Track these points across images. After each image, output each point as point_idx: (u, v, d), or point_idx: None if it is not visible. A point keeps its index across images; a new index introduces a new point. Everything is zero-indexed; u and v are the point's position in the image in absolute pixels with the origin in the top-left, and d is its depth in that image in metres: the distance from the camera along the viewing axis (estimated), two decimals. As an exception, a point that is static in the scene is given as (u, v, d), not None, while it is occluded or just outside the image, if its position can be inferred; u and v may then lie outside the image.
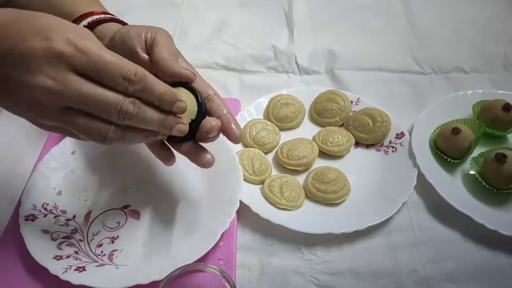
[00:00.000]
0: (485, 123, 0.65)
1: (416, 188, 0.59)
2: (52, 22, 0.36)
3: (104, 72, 0.36)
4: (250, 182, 0.59)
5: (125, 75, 0.37)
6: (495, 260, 0.54)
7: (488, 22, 0.89)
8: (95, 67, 0.36)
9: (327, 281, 0.51)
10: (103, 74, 0.36)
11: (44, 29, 0.36)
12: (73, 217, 0.54)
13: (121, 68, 0.37)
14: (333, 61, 0.79)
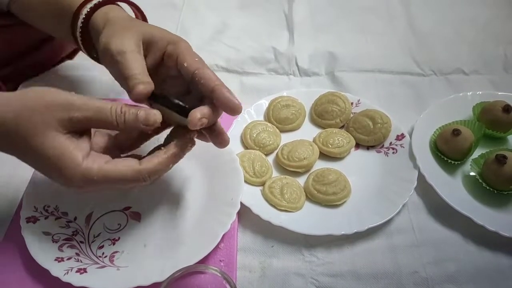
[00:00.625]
0: (485, 124, 0.65)
1: (416, 189, 0.59)
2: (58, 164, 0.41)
3: (117, 186, 0.43)
4: (250, 183, 0.59)
5: (135, 181, 0.43)
6: (496, 261, 0.54)
7: (488, 23, 0.89)
8: (109, 186, 0.43)
9: (328, 282, 0.52)
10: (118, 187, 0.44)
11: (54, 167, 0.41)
12: (74, 219, 0.54)
13: (128, 178, 0.42)
14: (333, 63, 0.80)
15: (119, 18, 0.50)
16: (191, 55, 0.48)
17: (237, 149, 0.63)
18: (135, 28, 0.48)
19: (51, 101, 0.41)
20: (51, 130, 0.40)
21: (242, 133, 0.65)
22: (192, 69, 0.46)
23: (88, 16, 0.51)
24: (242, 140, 0.65)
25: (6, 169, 0.60)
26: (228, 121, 0.66)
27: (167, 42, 0.48)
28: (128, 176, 0.42)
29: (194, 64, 0.46)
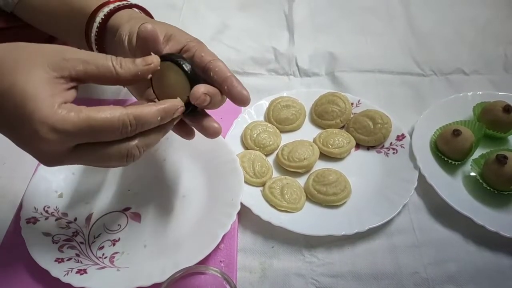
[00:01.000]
0: (486, 124, 0.65)
1: (417, 189, 0.59)
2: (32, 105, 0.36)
3: (101, 135, 0.38)
4: (251, 184, 0.59)
5: (120, 127, 0.38)
6: (496, 261, 0.54)
7: (488, 23, 0.89)
8: (91, 137, 0.38)
9: (328, 283, 0.51)
10: (101, 137, 0.38)
11: (27, 117, 0.36)
12: (74, 220, 0.54)
13: (114, 123, 0.37)
14: (333, 63, 0.79)
15: (142, 17, 0.51)
16: (208, 50, 0.47)
17: (237, 149, 0.63)
18: (159, 25, 0.48)
19: (43, 45, 0.39)
20: (38, 68, 0.37)
21: (242, 133, 0.65)
22: (207, 59, 0.46)
23: (105, 19, 0.52)
24: (242, 141, 0.65)
25: (7, 169, 0.60)
26: (228, 121, 0.66)
27: (189, 39, 0.48)
28: (114, 118, 0.37)
29: (209, 56, 0.46)
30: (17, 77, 0.36)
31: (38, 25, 0.61)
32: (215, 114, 0.67)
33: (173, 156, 0.61)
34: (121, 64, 0.40)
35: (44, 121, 0.35)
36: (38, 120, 0.35)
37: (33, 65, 0.37)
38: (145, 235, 0.53)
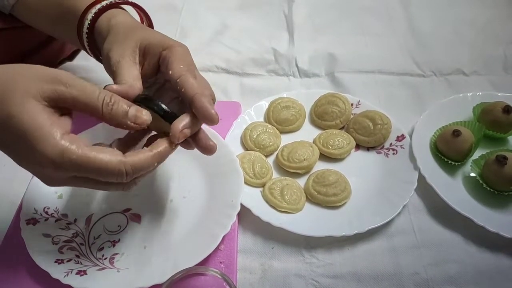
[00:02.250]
0: (486, 125, 0.65)
1: (416, 190, 0.59)
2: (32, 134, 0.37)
3: (97, 176, 0.39)
4: (251, 185, 0.59)
5: (116, 174, 0.38)
6: (497, 262, 0.54)
7: (488, 24, 0.89)
8: (87, 174, 0.39)
9: (328, 284, 0.51)
10: (97, 177, 0.39)
11: (29, 148, 0.37)
12: (74, 221, 0.54)
13: (110, 169, 0.38)
14: (333, 64, 0.80)
15: (121, 24, 0.50)
16: (180, 62, 0.46)
17: (237, 150, 0.63)
18: (134, 36, 0.47)
19: (35, 71, 0.39)
20: (31, 99, 0.37)
21: (242, 134, 0.65)
22: (175, 77, 0.44)
23: (93, 21, 0.52)
24: (242, 142, 0.65)
25: (6, 171, 0.60)
26: (228, 122, 0.66)
27: (162, 47, 0.47)
28: (110, 166, 0.38)
29: (178, 72, 0.45)
30: (12, 108, 0.36)
31: (35, 26, 0.61)
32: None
33: (173, 157, 0.60)
34: (111, 109, 0.39)
35: (46, 154, 0.36)
36: (40, 152, 0.36)
37: (26, 95, 0.37)
38: (145, 236, 0.53)
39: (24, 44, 0.69)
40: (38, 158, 0.37)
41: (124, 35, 0.48)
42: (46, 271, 0.47)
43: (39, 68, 0.39)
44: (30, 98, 0.37)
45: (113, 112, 0.39)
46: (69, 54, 0.78)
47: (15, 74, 0.39)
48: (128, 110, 0.40)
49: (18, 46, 0.68)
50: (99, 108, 0.39)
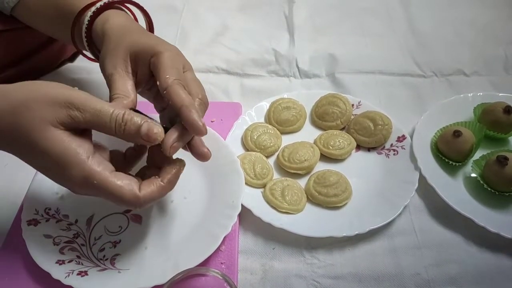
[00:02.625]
0: (486, 125, 0.65)
1: (417, 191, 0.59)
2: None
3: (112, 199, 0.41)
4: (251, 186, 0.59)
5: (128, 202, 0.41)
6: (498, 262, 0.54)
7: (488, 24, 0.89)
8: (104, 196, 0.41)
9: (329, 284, 0.51)
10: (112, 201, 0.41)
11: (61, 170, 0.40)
12: (75, 222, 0.54)
13: (124, 196, 0.41)
14: (334, 65, 0.80)
15: (113, 30, 0.50)
16: (166, 70, 0.45)
17: (238, 151, 0.63)
18: (123, 44, 0.47)
19: (50, 96, 0.39)
20: (49, 126, 0.39)
21: (243, 135, 0.65)
22: (162, 89, 0.44)
23: (90, 23, 0.52)
24: (243, 142, 0.65)
25: (7, 172, 0.60)
26: (228, 123, 0.66)
27: (150, 55, 0.47)
28: (125, 198, 0.40)
29: (164, 83, 0.44)
30: (33, 137, 0.39)
31: (35, 27, 0.61)
32: (216, 116, 0.67)
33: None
34: (124, 129, 0.41)
35: (71, 178, 0.40)
36: (67, 176, 0.40)
37: (44, 123, 0.39)
38: (146, 237, 0.53)
39: (25, 45, 0.69)
40: (65, 179, 0.40)
41: (115, 43, 0.48)
42: (47, 271, 0.47)
43: (51, 90, 0.40)
44: (48, 126, 0.39)
45: (125, 133, 0.41)
46: (70, 55, 0.78)
47: (28, 100, 0.39)
48: (140, 128, 0.41)
49: (19, 47, 0.68)
50: (112, 129, 0.41)
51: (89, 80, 0.74)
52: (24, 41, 0.68)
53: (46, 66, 0.74)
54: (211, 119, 0.66)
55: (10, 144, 0.41)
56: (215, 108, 0.69)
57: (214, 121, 0.66)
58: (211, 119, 0.66)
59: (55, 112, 0.39)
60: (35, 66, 0.72)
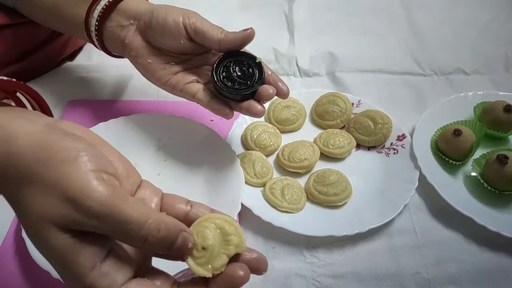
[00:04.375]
0: (487, 124, 0.64)
1: (417, 190, 0.59)
2: None
3: None
4: (251, 185, 0.59)
5: None
6: (498, 261, 0.54)
7: (489, 23, 0.89)
8: None
9: (329, 283, 0.51)
10: None
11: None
12: (75, 221, 0.53)
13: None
14: (334, 63, 0.79)
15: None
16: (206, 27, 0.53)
17: (238, 150, 0.63)
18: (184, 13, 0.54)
19: (63, 182, 0.29)
20: (48, 225, 0.29)
21: (242, 134, 0.65)
22: (219, 40, 0.52)
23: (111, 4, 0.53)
24: (243, 141, 0.65)
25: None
26: (228, 122, 0.65)
27: (217, 34, 0.52)
28: None
29: (217, 36, 0.52)
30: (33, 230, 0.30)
31: (40, 19, 0.61)
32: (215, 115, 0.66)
33: (174, 157, 0.61)
34: (157, 237, 0.30)
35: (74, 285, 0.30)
36: (70, 283, 0.31)
37: (44, 221, 0.29)
38: (146, 236, 0.53)
39: (27, 41, 0.69)
40: (72, 284, 0.31)
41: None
42: (46, 271, 0.47)
43: (64, 173, 0.29)
44: (47, 224, 0.29)
45: (159, 248, 0.31)
46: (70, 53, 0.78)
47: (39, 173, 0.29)
48: (175, 243, 0.31)
49: (21, 43, 0.68)
50: (140, 245, 0.30)
51: (89, 79, 0.74)
52: (26, 37, 0.68)
53: (46, 64, 0.74)
54: (211, 118, 0.66)
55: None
56: (215, 107, 0.69)
57: (214, 120, 0.66)
58: (211, 118, 0.66)
59: (58, 210, 0.29)
60: (36, 64, 0.71)
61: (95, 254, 0.30)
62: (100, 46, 0.57)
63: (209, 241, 0.32)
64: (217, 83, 0.51)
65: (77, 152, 0.30)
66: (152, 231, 0.29)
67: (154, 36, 0.53)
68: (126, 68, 0.76)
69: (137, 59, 0.54)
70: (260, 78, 0.51)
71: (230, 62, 0.52)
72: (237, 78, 0.51)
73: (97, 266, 0.30)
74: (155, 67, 0.54)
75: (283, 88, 0.52)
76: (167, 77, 0.54)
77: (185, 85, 0.54)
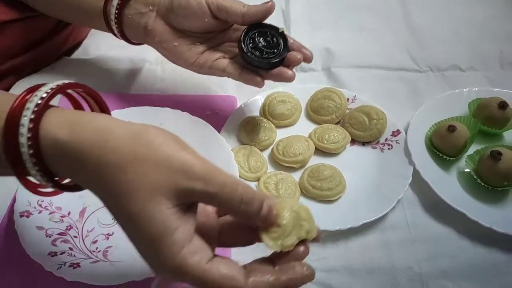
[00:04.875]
0: (481, 120, 0.65)
1: (411, 185, 0.59)
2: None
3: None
4: (245, 179, 0.59)
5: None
6: (490, 257, 0.54)
7: (485, 20, 0.89)
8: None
9: (322, 278, 0.51)
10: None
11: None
12: (68, 214, 0.53)
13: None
14: (329, 59, 0.79)
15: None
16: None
17: (233, 144, 0.63)
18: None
19: (167, 158, 0.32)
20: (158, 198, 0.31)
21: (237, 128, 0.65)
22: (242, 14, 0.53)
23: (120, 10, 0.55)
24: (238, 135, 0.64)
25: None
26: (223, 116, 0.65)
27: (240, 8, 0.54)
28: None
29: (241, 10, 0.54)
30: (134, 208, 0.31)
31: (53, 11, 0.62)
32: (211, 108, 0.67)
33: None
34: (246, 209, 0.34)
35: (163, 265, 0.32)
36: (159, 262, 0.32)
37: (154, 193, 0.31)
38: (139, 229, 0.53)
39: (31, 35, 0.68)
40: (156, 265, 0.33)
41: None
42: (39, 263, 0.47)
43: (169, 148, 0.33)
44: (156, 197, 0.31)
45: (247, 212, 0.34)
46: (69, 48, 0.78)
47: (143, 154, 0.32)
48: (260, 211, 0.34)
49: (26, 37, 0.68)
50: (236, 207, 0.34)
51: (84, 74, 0.73)
52: (31, 31, 0.68)
53: (47, 58, 0.74)
54: (206, 112, 0.66)
55: (103, 198, 0.34)
56: (210, 101, 0.69)
57: (209, 114, 0.66)
58: (206, 112, 0.66)
59: (171, 181, 0.32)
60: (38, 58, 0.71)
61: (188, 232, 0.33)
62: (120, 34, 0.58)
63: (284, 220, 0.35)
64: (247, 54, 0.54)
65: (170, 135, 0.34)
66: (244, 194, 0.33)
67: (177, 19, 0.55)
68: (122, 63, 0.76)
69: (162, 44, 0.56)
70: (286, 46, 0.55)
71: (254, 34, 0.55)
72: (264, 48, 0.54)
73: (187, 245, 0.32)
74: (181, 49, 0.56)
75: (308, 53, 0.55)
76: (194, 57, 0.56)
77: (213, 62, 0.57)
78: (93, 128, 0.33)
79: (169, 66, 0.76)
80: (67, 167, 0.34)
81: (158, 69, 0.75)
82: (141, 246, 0.34)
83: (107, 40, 0.77)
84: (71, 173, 0.34)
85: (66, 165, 0.33)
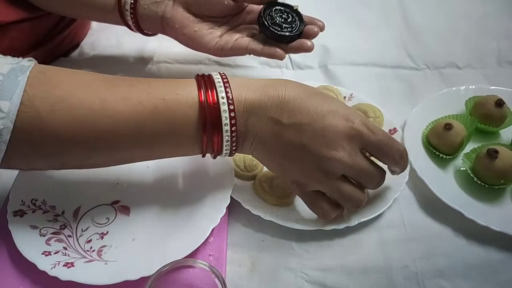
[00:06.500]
0: (478, 118, 0.64)
1: (407, 184, 0.59)
2: (340, 106, 0.47)
3: (385, 148, 0.48)
4: (241, 178, 0.58)
5: (400, 151, 0.49)
6: (486, 255, 0.54)
7: (482, 18, 0.88)
8: (378, 145, 0.47)
9: (318, 277, 0.51)
10: (384, 150, 0.48)
11: (340, 111, 0.46)
12: (62, 213, 0.53)
13: (398, 146, 0.49)
14: (326, 56, 0.79)
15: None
16: None
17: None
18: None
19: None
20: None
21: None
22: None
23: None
24: (234, 134, 0.64)
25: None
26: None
27: None
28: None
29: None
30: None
31: (63, 8, 0.62)
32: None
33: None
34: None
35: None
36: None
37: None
38: (134, 229, 0.52)
39: (36, 34, 0.68)
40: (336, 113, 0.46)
41: None
42: (33, 262, 0.46)
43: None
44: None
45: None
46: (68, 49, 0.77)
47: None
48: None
49: (30, 36, 0.67)
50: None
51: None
52: (30, 33, 0.67)
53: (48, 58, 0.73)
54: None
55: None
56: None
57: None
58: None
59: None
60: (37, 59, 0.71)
61: None
62: (135, 26, 0.59)
63: None
64: (270, 28, 0.59)
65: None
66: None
67: (197, 4, 0.58)
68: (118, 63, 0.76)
69: (183, 30, 0.58)
70: (302, 21, 0.62)
71: (271, 12, 0.60)
72: (282, 23, 0.60)
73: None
74: (201, 33, 0.59)
75: (320, 24, 0.62)
76: (214, 40, 0.60)
77: (234, 42, 0.60)
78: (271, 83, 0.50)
79: (164, 66, 0.75)
80: None
81: (154, 68, 0.75)
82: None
83: (104, 41, 0.77)
84: None
85: None
